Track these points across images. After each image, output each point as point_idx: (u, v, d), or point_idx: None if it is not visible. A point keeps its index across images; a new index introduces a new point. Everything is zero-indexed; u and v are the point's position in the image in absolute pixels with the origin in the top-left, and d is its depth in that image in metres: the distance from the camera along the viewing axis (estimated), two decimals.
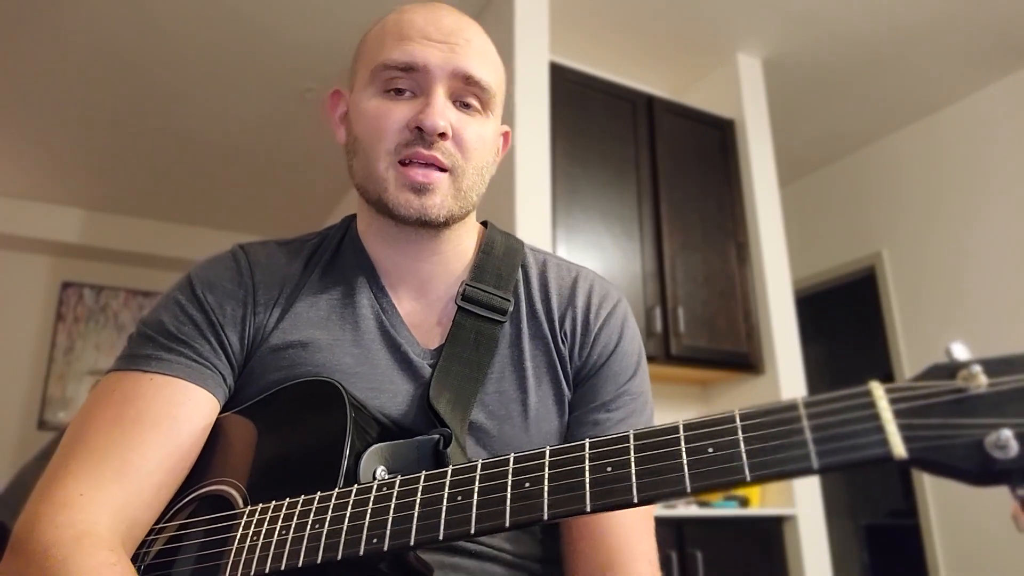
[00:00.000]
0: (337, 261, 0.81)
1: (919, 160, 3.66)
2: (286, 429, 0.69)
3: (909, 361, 3.51)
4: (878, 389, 0.45)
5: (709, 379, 3.01)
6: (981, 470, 0.41)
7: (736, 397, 2.95)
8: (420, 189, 0.71)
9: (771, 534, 2.60)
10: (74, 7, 2.81)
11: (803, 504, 2.65)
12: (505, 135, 0.86)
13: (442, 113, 0.71)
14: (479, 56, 0.75)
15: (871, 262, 3.79)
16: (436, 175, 0.72)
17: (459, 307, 0.77)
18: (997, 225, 3.28)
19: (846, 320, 4.74)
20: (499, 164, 0.86)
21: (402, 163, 0.72)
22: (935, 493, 3.32)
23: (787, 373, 2.83)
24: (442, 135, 0.71)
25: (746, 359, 2.81)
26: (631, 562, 0.70)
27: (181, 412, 0.67)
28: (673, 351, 2.64)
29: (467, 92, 0.74)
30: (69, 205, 4.52)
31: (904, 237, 3.66)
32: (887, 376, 3.81)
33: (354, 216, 0.85)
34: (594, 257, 2.57)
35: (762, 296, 2.92)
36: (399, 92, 0.73)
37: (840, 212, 4.01)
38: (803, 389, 2.86)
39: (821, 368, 4.66)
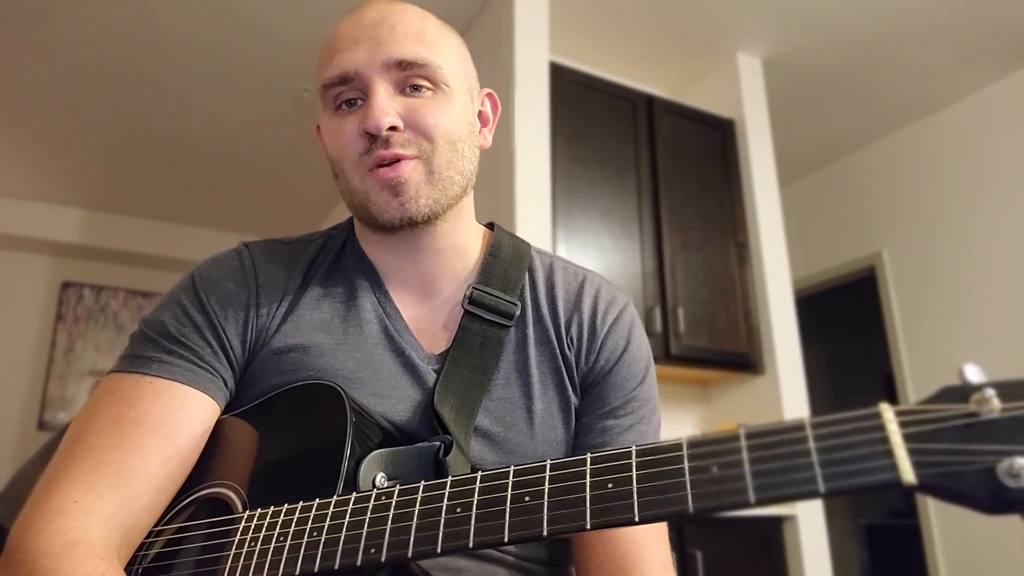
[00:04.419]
0: (340, 264, 0.80)
1: (919, 160, 3.65)
2: (286, 433, 0.68)
3: (909, 361, 3.51)
4: (888, 412, 0.43)
5: (709, 379, 3.01)
6: (992, 498, 0.40)
7: (736, 397, 2.95)
8: (394, 187, 0.70)
9: (771, 534, 2.60)
10: (73, 8, 2.81)
11: (803, 504, 2.64)
12: (490, 97, 0.83)
13: (382, 110, 0.69)
14: (409, 38, 0.72)
15: (871, 262, 3.79)
16: (404, 165, 0.70)
17: (465, 311, 0.76)
18: (998, 225, 3.27)
19: (846, 320, 4.74)
20: (495, 131, 0.84)
21: (373, 169, 0.71)
22: None
23: (787, 373, 2.83)
24: (393, 128, 0.70)
25: (746, 359, 2.81)
26: (646, 568, 0.70)
27: (180, 416, 0.67)
28: (673, 351, 2.64)
29: (410, 76, 0.71)
30: (69, 205, 4.52)
31: (904, 237, 3.66)
32: (887, 376, 3.81)
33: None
34: (594, 257, 2.56)
35: (762, 296, 2.91)
36: (350, 104, 0.72)
37: (840, 212, 4.01)
38: (803, 389, 2.85)
39: (821, 368, 4.67)
